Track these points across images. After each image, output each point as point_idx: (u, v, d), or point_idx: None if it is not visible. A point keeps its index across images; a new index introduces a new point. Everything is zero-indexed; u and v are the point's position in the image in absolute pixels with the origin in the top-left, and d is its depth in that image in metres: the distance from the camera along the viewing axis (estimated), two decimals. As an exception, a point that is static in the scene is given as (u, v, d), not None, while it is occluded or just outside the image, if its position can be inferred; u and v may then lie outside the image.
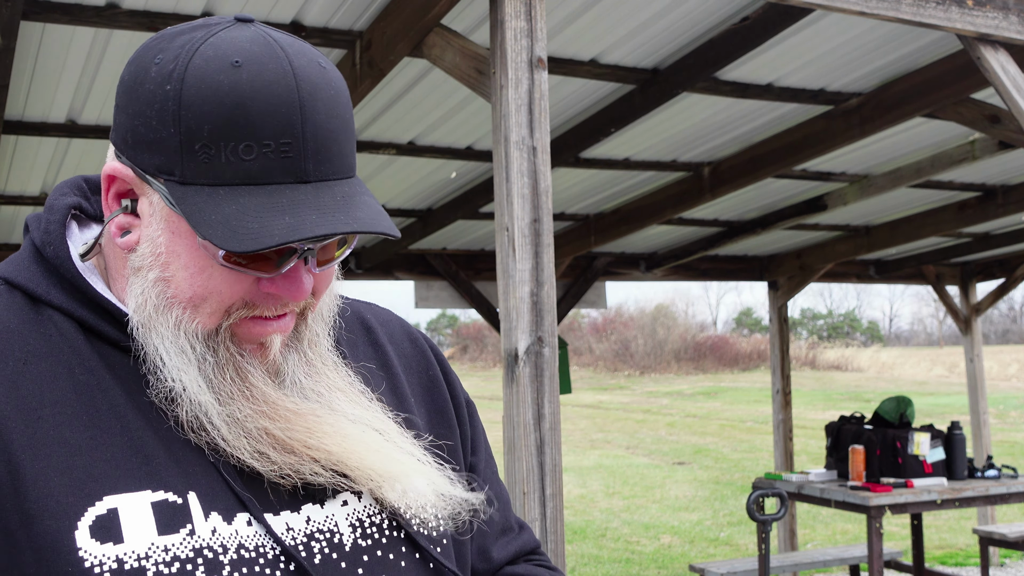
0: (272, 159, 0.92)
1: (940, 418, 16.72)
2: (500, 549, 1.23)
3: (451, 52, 3.35)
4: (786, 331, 9.65)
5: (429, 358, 1.26)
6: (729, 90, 4.78)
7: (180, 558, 0.91)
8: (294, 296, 0.98)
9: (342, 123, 0.97)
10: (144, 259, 0.99)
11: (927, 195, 7.42)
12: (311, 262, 0.98)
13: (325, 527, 1.01)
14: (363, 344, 1.20)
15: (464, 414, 1.25)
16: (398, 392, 1.18)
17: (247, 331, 1.00)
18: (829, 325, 56.96)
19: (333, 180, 0.95)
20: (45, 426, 0.93)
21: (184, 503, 0.94)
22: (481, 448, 1.26)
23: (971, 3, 3.63)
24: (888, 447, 6.34)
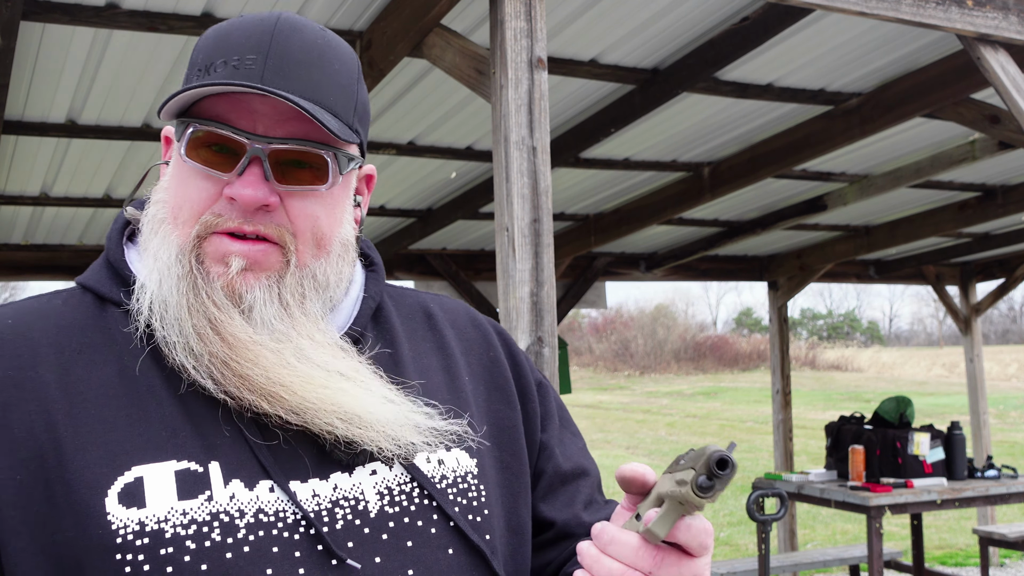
0: (237, 70, 1.06)
1: (940, 418, 16.72)
2: (590, 515, 1.27)
3: (451, 52, 3.35)
4: (786, 331, 9.65)
5: (491, 341, 1.31)
6: (729, 90, 4.78)
7: (196, 521, 0.99)
8: (244, 197, 1.05)
9: (322, 62, 1.09)
10: (156, 193, 1.15)
11: (927, 195, 7.42)
12: (267, 169, 1.06)
13: (351, 494, 1.07)
14: (421, 328, 1.27)
15: (532, 394, 1.29)
16: (451, 370, 1.23)
17: (214, 248, 1.08)
18: (829, 325, 56.97)
19: (294, 96, 1.05)
20: (88, 407, 1.04)
21: (204, 471, 1.02)
22: (553, 425, 1.30)
23: (971, 3, 3.63)
24: (888, 447, 6.34)
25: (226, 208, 1.08)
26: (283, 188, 1.08)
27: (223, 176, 1.08)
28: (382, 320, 1.24)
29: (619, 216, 7.28)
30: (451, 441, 1.15)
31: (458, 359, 1.26)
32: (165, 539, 0.98)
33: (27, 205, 6.02)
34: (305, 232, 1.10)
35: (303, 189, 1.10)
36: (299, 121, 1.08)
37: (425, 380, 1.19)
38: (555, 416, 1.31)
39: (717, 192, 6.21)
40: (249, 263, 1.08)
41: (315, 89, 1.08)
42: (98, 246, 7.32)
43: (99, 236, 7.13)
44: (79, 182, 5.73)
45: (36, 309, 1.13)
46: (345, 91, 1.12)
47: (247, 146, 1.06)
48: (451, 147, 5.52)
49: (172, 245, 1.09)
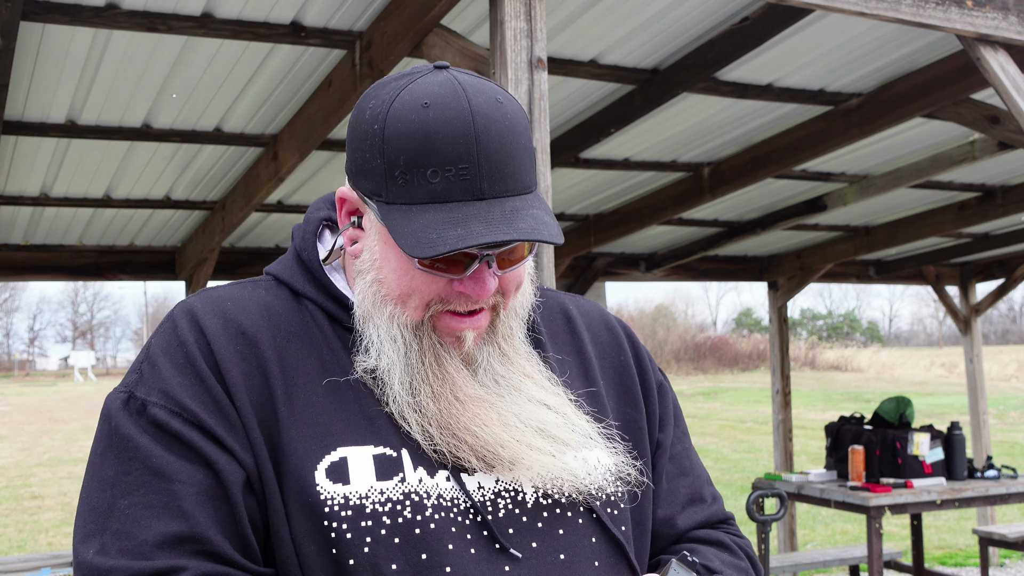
0: (453, 181, 1.14)
1: (940, 418, 16.72)
2: (686, 518, 1.38)
3: (451, 52, 3.35)
4: (786, 331, 9.65)
5: (622, 344, 1.43)
6: (729, 90, 4.78)
7: (392, 499, 1.15)
8: (478, 294, 1.19)
9: (516, 148, 1.17)
10: (364, 264, 1.25)
11: (927, 195, 7.42)
12: (493, 266, 1.19)
13: (511, 487, 1.21)
14: (562, 332, 1.40)
15: (653, 395, 1.40)
16: (588, 375, 1.36)
17: (445, 325, 1.22)
18: (829, 325, 56.95)
19: (507, 196, 1.16)
20: (299, 389, 1.19)
21: (398, 457, 1.18)
22: (669, 426, 1.41)
23: (971, 3, 3.63)
24: (888, 447, 6.34)
25: (455, 296, 1.20)
26: (503, 272, 1.22)
27: (456, 277, 1.19)
28: (533, 327, 1.36)
29: (619, 216, 7.28)
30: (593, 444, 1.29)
31: (593, 363, 1.38)
32: (366, 513, 1.14)
33: (27, 205, 6.02)
34: (512, 291, 1.26)
35: (520, 266, 1.24)
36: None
37: (566, 384, 1.31)
38: (670, 417, 1.42)
39: (717, 192, 6.21)
40: (477, 334, 1.24)
41: (520, 179, 1.18)
42: (98, 246, 7.32)
43: (99, 236, 7.13)
44: (79, 182, 5.73)
45: (246, 295, 1.27)
46: (531, 159, 1.22)
47: (478, 255, 1.18)
48: (451, 147, 5.51)
49: (403, 324, 1.22)
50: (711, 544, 1.37)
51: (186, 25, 3.66)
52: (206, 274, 7.05)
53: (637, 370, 1.41)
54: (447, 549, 1.14)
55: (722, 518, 1.44)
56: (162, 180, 5.81)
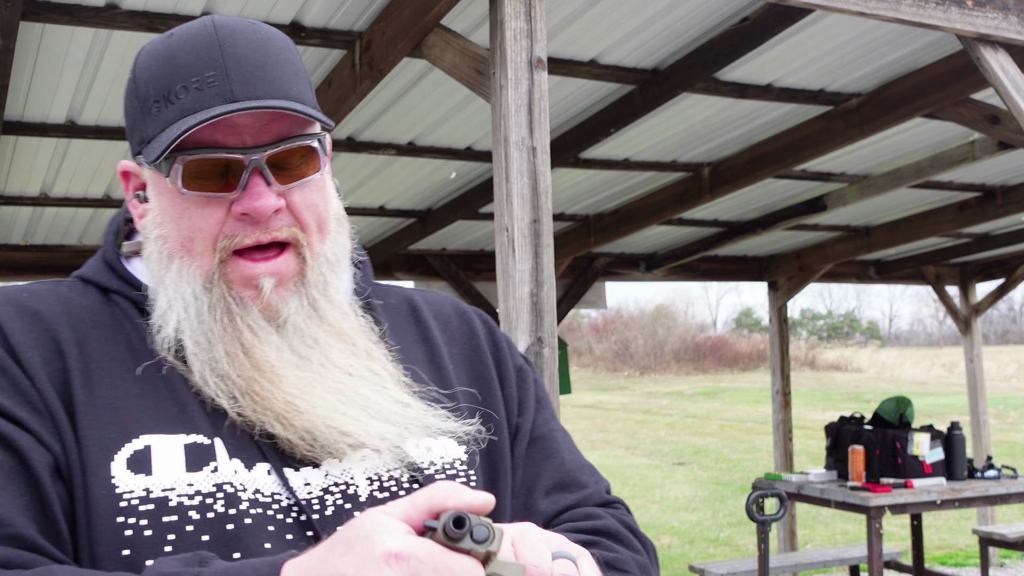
0: (202, 91, 1.07)
1: (940, 418, 16.72)
2: (552, 503, 1.25)
3: (451, 52, 3.35)
4: (786, 331, 9.65)
5: (475, 330, 1.34)
6: (729, 90, 4.78)
7: (202, 492, 1.03)
8: (257, 210, 1.09)
9: (273, 59, 1.11)
10: (148, 228, 1.17)
11: (927, 195, 7.42)
12: (271, 179, 1.10)
13: (342, 479, 1.10)
14: (406, 321, 1.31)
15: (510, 379, 1.31)
16: (436, 361, 1.27)
17: (240, 273, 1.12)
18: (829, 325, 56.96)
19: (266, 99, 1.08)
20: (102, 374, 1.09)
21: (211, 444, 1.07)
22: (529, 410, 1.30)
23: (971, 3, 3.63)
24: (888, 447, 6.34)
25: (238, 227, 1.11)
26: (286, 187, 1.12)
27: (228, 196, 1.10)
28: (369, 315, 1.25)
29: (619, 216, 7.28)
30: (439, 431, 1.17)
31: (442, 348, 1.29)
32: (169, 507, 1.02)
33: (27, 205, 6.02)
34: (311, 223, 1.15)
35: (304, 182, 1.14)
36: (279, 121, 1.11)
37: (411, 373, 1.21)
38: (531, 400, 1.32)
39: (717, 192, 6.21)
40: (278, 279, 1.13)
41: (280, 85, 1.11)
42: (98, 246, 7.31)
43: (99, 237, 7.12)
44: (79, 182, 5.72)
45: (44, 289, 1.18)
46: (298, 74, 1.15)
47: (244, 161, 1.09)
48: (451, 147, 5.52)
49: (194, 276, 1.12)
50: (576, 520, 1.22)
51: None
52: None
53: (492, 355, 1.32)
54: (264, 549, 1.03)
55: (602, 501, 1.27)
56: (162, 180, 5.80)
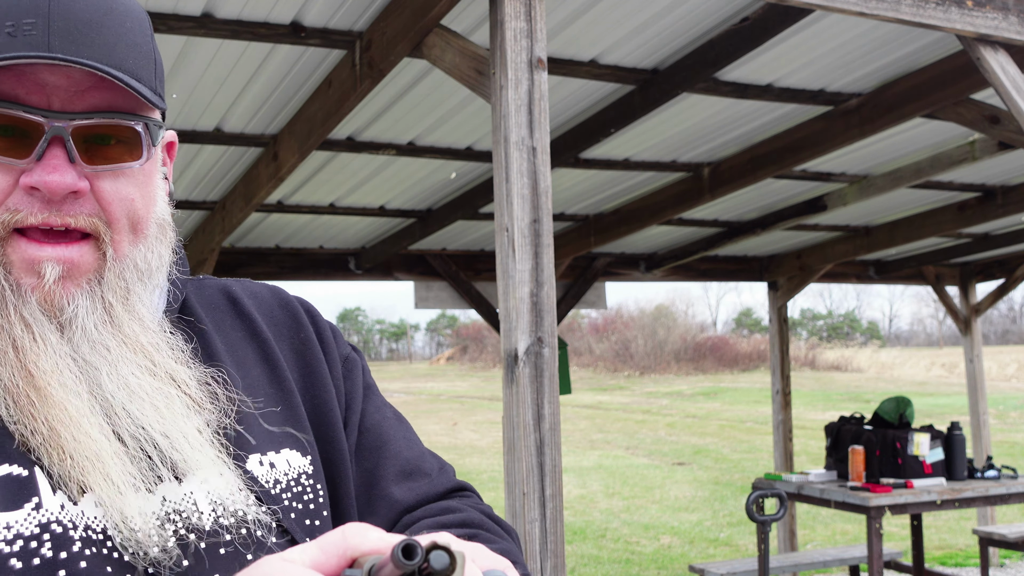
0: (15, 37, 0.91)
1: (940, 418, 16.73)
2: (405, 491, 1.14)
3: (451, 52, 3.35)
4: (786, 331, 9.65)
5: (301, 320, 1.19)
6: (729, 90, 4.78)
7: (23, 535, 0.86)
8: (49, 185, 0.91)
9: (111, 20, 0.95)
10: None
11: (927, 195, 7.42)
12: (75, 155, 0.93)
13: (182, 507, 0.94)
14: (229, 316, 1.15)
15: (338, 370, 1.17)
16: (270, 360, 1.12)
17: (20, 255, 0.93)
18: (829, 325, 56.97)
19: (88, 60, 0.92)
20: None
21: (30, 476, 0.89)
22: (356, 401, 1.17)
23: (971, 3, 3.63)
24: (888, 448, 6.34)
25: (25, 201, 0.92)
26: (92, 169, 0.94)
27: (18, 163, 0.92)
28: (189, 315, 1.10)
29: (619, 216, 7.28)
30: (281, 441, 1.06)
31: (273, 346, 1.14)
32: None
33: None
34: (120, 218, 0.97)
35: (117, 167, 0.96)
36: (100, 91, 0.94)
37: (244, 374, 1.08)
38: (359, 391, 1.19)
39: (717, 192, 6.21)
40: (66, 269, 0.94)
41: (111, 52, 0.94)
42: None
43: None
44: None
45: None
46: (142, 51, 0.98)
47: (45, 125, 0.92)
48: (451, 147, 5.52)
49: None
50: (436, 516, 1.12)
51: (186, 25, 3.66)
52: (206, 274, 7.04)
53: (320, 346, 1.18)
54: None
55: (453, 487, 1.18)
56: (162, 180, 5.80)
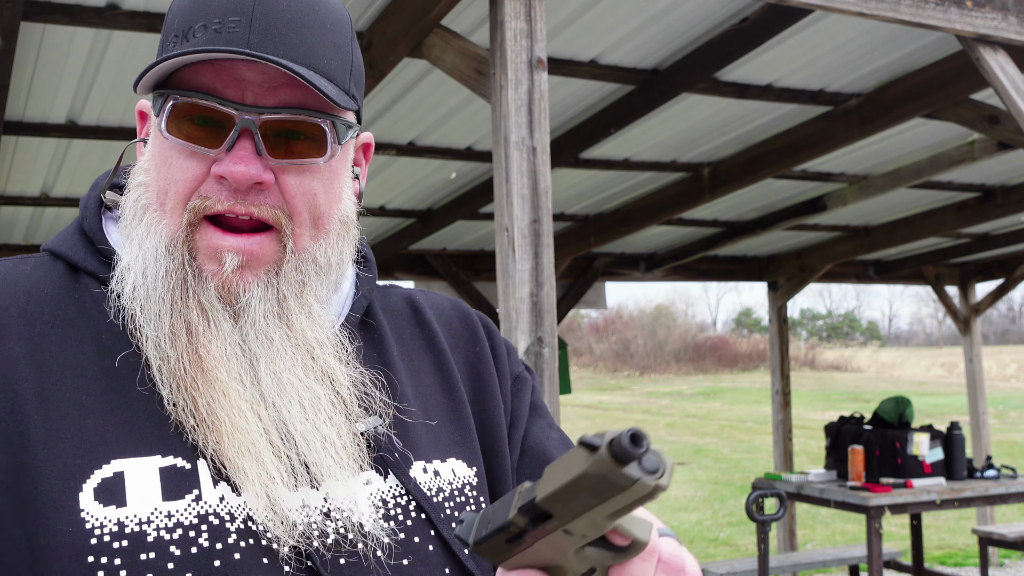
0: (220, 34, 0.96)
1: (939, 418, 16.72)
2: None
3: (451, 53, 3.35)
4: (785, 331, 9.65)
5: (478, 334, 1.21)
6: (728, 91, 4.79)
7: (183, 524, 0.90)
8: (235, 175, 0.95)
9: (311, 21, 0.99)
10: (135, 175, 1.04)
11: (926, 196, 7.43)
12: (262, 147, 0.96)
13: (344, 505, 0.96)
14: (409, 324, 1.17)
15: (508, 388, 1.18)
16: (444, 370, 1.14)
17: (207, 243, 0.98)
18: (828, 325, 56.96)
19: (285, 60, 0.95)
20: (63, 388, 0.94)
21: (193, 469, 0.93)
22: (521, 419, 1.17)
23: (970, 4, 3.63)
24: (887, 447, 6.34)
25: (214, 189, 0.97)
26: (278, 163, 0.98)
27: (210, 152, 0.97)
28: (371, 320, 1.13)
29: (619, 216, 7.28)
30: (447, 451, 1.07)
31: (449, 357, 1.16)
32: (147, 543, 0.88)
33: (27, 205, 6.03)
34: (302, 212, 1.00)
35: (300, 163, 0.99)
36: (292, 88, 0.98)
37: (418, 383, 1.11)
38: (525, 410, 1.19)
39: (717, 192, 6.21)
40: (245, 259, 0.98)
41: (307, 52, 0.98)
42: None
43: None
44: (79, 183, 5.73)
45: (3, 272, 1.02)
46: (340, 52, 1.01)
47: (236, 117, 0.96)
48: (451, 147, 5.52)
49: (161, 235, 0.98)
50: None
51: (186, 25, 3.66)
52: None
53: (494, 361, 1.19)
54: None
55: None
56: (162, 180, 5.81)
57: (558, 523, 0.71)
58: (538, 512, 0.72)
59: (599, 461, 0.65)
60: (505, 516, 0.74)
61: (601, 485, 0.66)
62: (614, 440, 0.64)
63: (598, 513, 0.68)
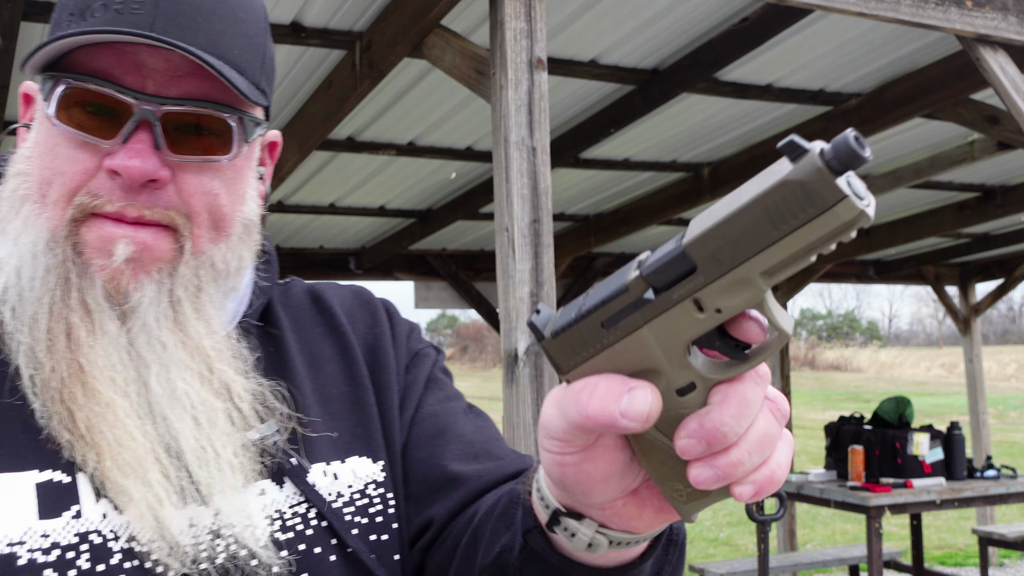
0: (121, 15, 0.88)
1: (939, 418, 16.73)
2: (471, 471, 1.02)
3: (451, 53, 3.35)
4: (785, 331, 9.64)
5: (378, 317, 1.13)
6: (728, 91, 4.79)
7: (60, 544, 0.81)
8: (130, 170, 0.86)
9: (223, 8, 0.91)
10: (15, 162, 0.96)
11: (926, 195, 7.43)
12: (160, 141, 0.88)
13: (236, 520, 0.88)
14: (309, 314, 1.10)
15: (404, 365, 1.09)
16: (347, 355, 1.07)
17: (96, 233, 0.88)
18: (828, 325, 56.97)
19: (191, 47, 0.88)
20: None
21: (72, 483, 0.85)
22: (414, 394, 1.07)
23: (970, 4, 3.63)
24: (887, 447, 6.34)
25: (105, 186, 0.88)
26: (177, 159, 0.90)
27: (103, 144, 0.88)
28: (269, 319, 1.06)
29: (619, 216, 7.28)
30: (347, 448, 0.99)
31: (351, 339, 1.08)
32: (16, 566, 0.80)
33: (27, 205, 6.02)
34: (201, 213, 0.92)
35: (203, 160, 0.91)
36: (198, 79, 0.90)
37: (319, 375, 1.03)
38: (422, 382, 1.09)
39: (717, 192, 6.21)
40: (138, 250, 0.89)
41: (217, 40, 0.90)
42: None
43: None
44: (79, 182, 5.73)
45: None
46: (252, 43, 0.94)
47: (134, 107, 0.88)
48: (451, 147, 5.52)
49: (40, 228, 0.89)
50: None
51: (186, 25, 3.66)
52: None
53: (392, 341, 1.11)
54: None
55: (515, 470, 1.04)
56: (162, 180, 5.81)
57: (700, 281, 0.55)
58: (676, 267, 0.56)
59: (808, 166, 0.50)
60: (621, 281, 0.58)
61: (794, 203, 0.51)
62: (835, 139, 0.50)
63: (761, 262, 0.53)
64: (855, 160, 0.49)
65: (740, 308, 0.56)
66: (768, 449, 0.63)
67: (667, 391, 0.60)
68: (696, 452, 0.60)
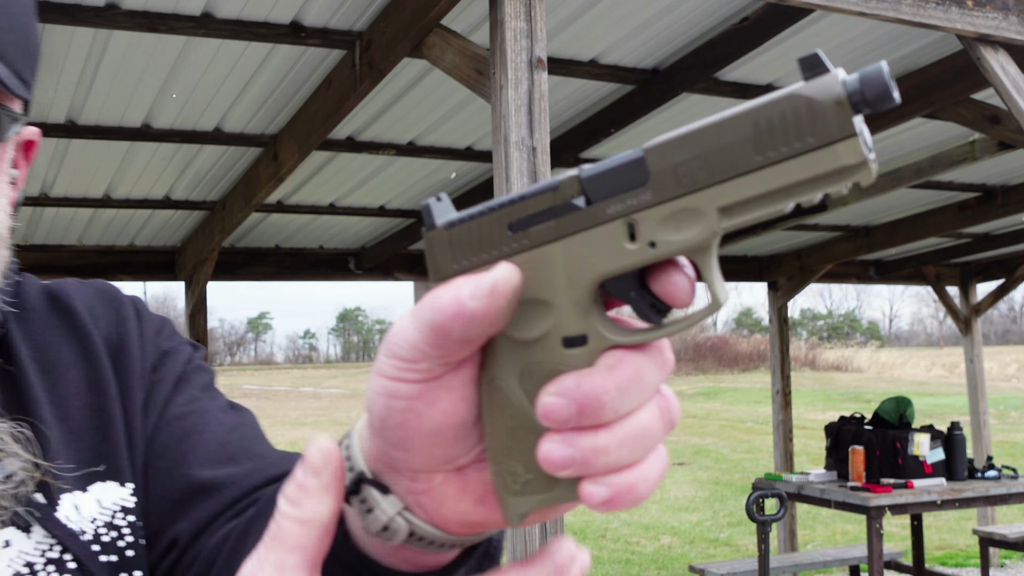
0: None
1: (940, 419, 16.73)
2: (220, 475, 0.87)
3: (451, 52, 3.35)
4: (786, 331, 9.64)
5: (124, 314, 0.97)
6: (729, 91, 4.78)
7: None
8: None
9: None
10: None
11: (927, 195, 7.42)
12: None
13: None
14: (44, 316, 0.95)
15: (149, 365, 0.95)
16: (90, 357, 0.91)
17: None
18: (829, 325, 56.97)
19: None
20: None
21: None
22: (158, 397, 0.92)
23: (971, 3, 3.62)
24: (888, 448, 6.34)
25: None
26: None
27: None
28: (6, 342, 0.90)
29: (619, 216, 7.28)
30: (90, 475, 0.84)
31: (95, 340, 0.93)
32: None
33: (27, 205, 6.02)
34: None
35: None
36: None
37: (57, 384, 0.89)
38: (167, 384, 0.94)
39: (717, 192, 6.21)
40: None
41: None
42: (98, 247, 7.32)
43: (99, 236, 7.12)
44: (79, 182, 5.72)
45: None
46: (15, 24, 0.78)
47: None
48: (451, 147, 5.52)
49: None
50: None
51: (186, 25, 3.66)
52: (206, 274, 7.05)
53: (139, 340, 0.95)
54: None
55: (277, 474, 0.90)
56: (162, 180, 5.81)
57: (646, 199, 0.45)
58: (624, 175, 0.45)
59: (826, 86, 0.43)
60: (556, 179, 0.47)
61: (794, 125, 0.43)
62: (866, 69, 0.43)
63: (727, 192, 0.43)
64: (883, 99, 0.42)
65: (679, 250, 0.44)
66: (642, 451, 0.49)
67: (552, 334, 0.47)
68: (560, 417, 0.46)
